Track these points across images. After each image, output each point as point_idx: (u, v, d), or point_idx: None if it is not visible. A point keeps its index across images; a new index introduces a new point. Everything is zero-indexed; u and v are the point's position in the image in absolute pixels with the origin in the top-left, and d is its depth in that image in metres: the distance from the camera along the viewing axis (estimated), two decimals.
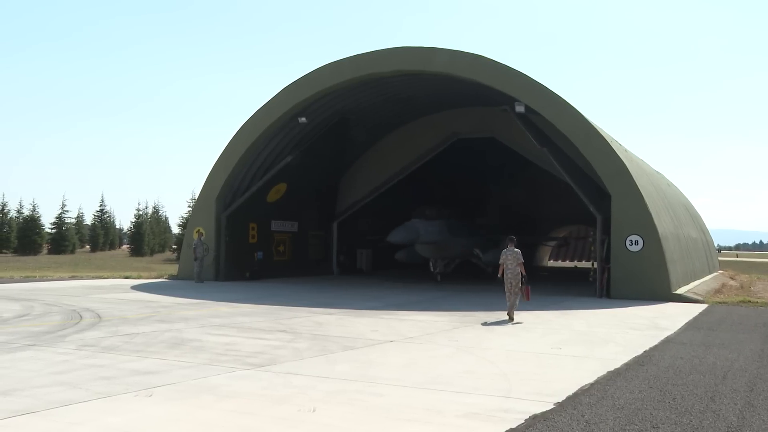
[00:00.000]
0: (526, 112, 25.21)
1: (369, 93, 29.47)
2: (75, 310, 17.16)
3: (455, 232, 31.15)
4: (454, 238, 30.81)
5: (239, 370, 9.86)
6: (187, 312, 17.36)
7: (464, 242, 32.03)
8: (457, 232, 31.27)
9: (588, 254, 44.46)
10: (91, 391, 8.26)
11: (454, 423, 7.26)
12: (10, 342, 11.96)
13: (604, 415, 7.65)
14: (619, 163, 23.84)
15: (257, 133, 28.63)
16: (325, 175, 33.26)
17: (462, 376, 9.85)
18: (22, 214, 72.93)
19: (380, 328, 15.02)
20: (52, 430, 6.68)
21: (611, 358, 11.52)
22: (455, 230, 31.25)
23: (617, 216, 23.72)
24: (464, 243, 32.03)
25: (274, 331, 14.18)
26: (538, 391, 8.76)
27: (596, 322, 17.32)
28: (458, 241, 31.57)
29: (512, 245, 16.81)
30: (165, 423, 7.03)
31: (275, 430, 6.90)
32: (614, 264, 23.74)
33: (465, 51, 25.82)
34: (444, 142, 33.69)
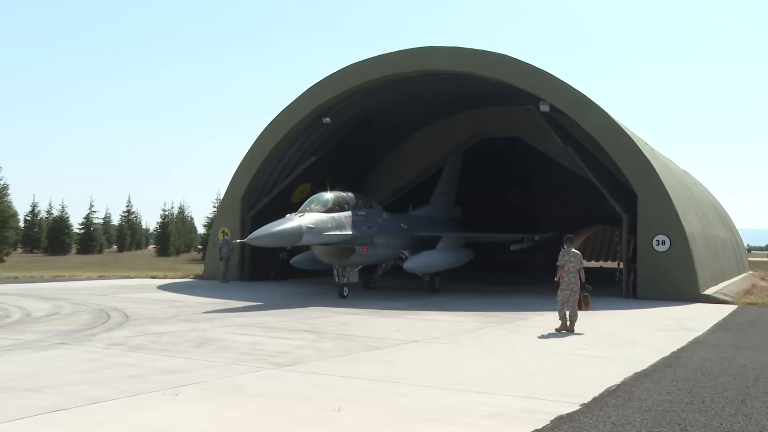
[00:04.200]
0: (550, 111, 25.03)
1: (393, 93, 29.46)
2: (103, 309, 17.40)
3: (375, 226, 23.65)
4: (369, 235, 23.21)
5: (264, 369, 9.92)
6: (212, 312, 17.50)
7: (391, 242, 24.55)
8: (378, 227, 23.83)
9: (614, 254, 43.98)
10: (119, 390, 8.36)
11: (479, 423, 7.24)
12: (41, 340, 12.17)
13: (631, 416, 7.56)
14: (645, 163, 23.57)
15: (282, 133, 28.79)
16: (349, 175, 33.31)
17: (487, 376, 9.80)
18: (52, 215, 74.25)
19: (404, 328, 15.01)
20: (81, 428, 6.78)
21: (638, 359, 11.39)
22: (373, 223, 23.69)
23: (644, 216, 23.45)
24: (390, 243, 24.55)
25: (299, 330, 14.25)
26: (563, 392, 8.69)
27: (622, 322, 17.14)
28: (383, 241, 24.06)
29: (571, 245, 15.08)
30: (191, 422, 7.10)
31: (300, 429, 6.93)
32: (641, 264, 23.48)
33: (489, 50, 25.72)
34: (468, 141, 33.58)
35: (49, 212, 75.47)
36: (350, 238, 22.29)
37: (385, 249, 24.20)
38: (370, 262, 24.55)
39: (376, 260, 24.70)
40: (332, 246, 22.24)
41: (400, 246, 25.02)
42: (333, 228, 21.54)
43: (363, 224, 23.00)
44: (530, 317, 17.62)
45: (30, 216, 73.28)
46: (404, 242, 25.19)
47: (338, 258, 22.45)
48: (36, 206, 74.39)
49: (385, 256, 24.76)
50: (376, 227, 23.69)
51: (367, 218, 23.45)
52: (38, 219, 73.95)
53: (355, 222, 22.64)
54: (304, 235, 20.53)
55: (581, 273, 14.91)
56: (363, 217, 23.27)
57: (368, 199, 25.01)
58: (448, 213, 31.32)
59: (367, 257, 23.36)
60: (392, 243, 24.60)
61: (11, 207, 55.82)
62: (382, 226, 24.06)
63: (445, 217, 30.71)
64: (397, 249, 24.88)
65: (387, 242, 24.24)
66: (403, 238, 25.12)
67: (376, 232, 23.56)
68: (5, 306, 17.82)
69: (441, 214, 30.40)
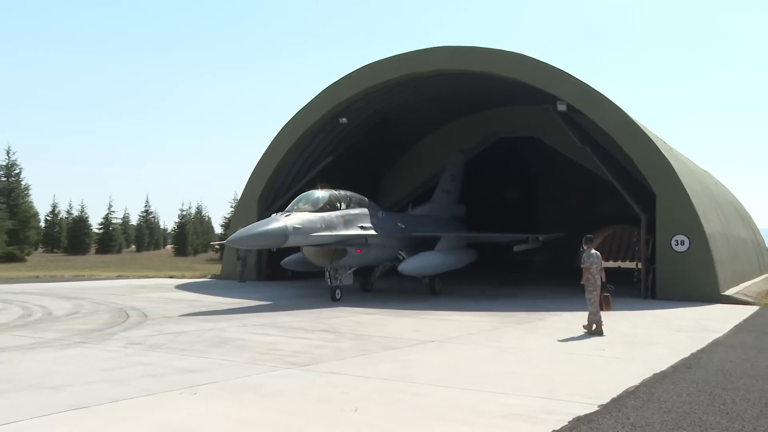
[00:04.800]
0: (568, 111, 24.89)
1: (409, 93, 29.44)
2: (122, 308, 17.55)
3: (369, 226, 22.43)
4: (362, 235, 21.92)
5: (281, 369, 9.95)
6: (229, 311, 17.58)
7: (387, 242, 23.19)
8: (372, 227, 22.52)
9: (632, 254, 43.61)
10: (137, 388, 8.43)
11: (496, 424, 7.21)
12: (62, 339, 12.30)
13: (650, 418, 7.50)
14: (664, 162, 23.37)
15: (298, 133, 28.87)
16: (366, 175, 33.35)
17: (504, 376, 9.77)
18: (72, 215, 75.03)
19: (421, 328, 15.00)
20: (101, 426, 6.84)
21: (657, 360, 11.29)
22: (367, 223, 22.43)
23: (662, 215, 23.25)
24: (386, 243, 23.19)
25: (316, 330, 14.28)
26: (581, 393, 8.63)
27: (641, 323, 17.01)
28: (378, 241, 22.66)
29: (591, 246, 14.93)
30: (209, 421, 7.14)
31: (317, 429, 6.95)
32: (660, 264, 23.27)
33: (506, 50, 25.61)
34: (484, 142, 33.48)
35: (69, 212, 76.35)
36: (342, 239, 21.07)
37: (380, 250, 22.87)
38: (365, 264, 23.05)
39: (371, 262, 23.27)
40: (323, 247, 21.12)
41: (397, 246, 23.66)
42: (322, 228, 20.28)
43: (356, 224, 21.83)
44: (548, 317, 17.54)
45: (50, 216, 74.11)
46: (402, 242, 23.82)
47: (330, 259, 21.33)
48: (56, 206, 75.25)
49: (381, 258, 23.41)
50: (370, 227, 22.40)
51: (360, 217, 22.23)
52: (58, 219, 74.76)
53: (348, 221, 21.48)
54: (290, 236, 19.25)
55: (602, 273, 14.82)
56: (356, 216, 22.08)
57: (363, 198, 23.43)
58: (451, 211, 30.04)
59: (361, 259, 22.03)
60: (388, 243, 23.26)
61: (32, 207, 56.54)
62: (376, 226, 22.74)
63: (448, 215, 29.49)
64: (393, 250, 23.55)
65: (382, 243, 22.93)
66: (400, 239, 23.76)
67: (370, 232, 22.23)
68: (27, 305, 18.04)
69: (443, 212, 29.20)
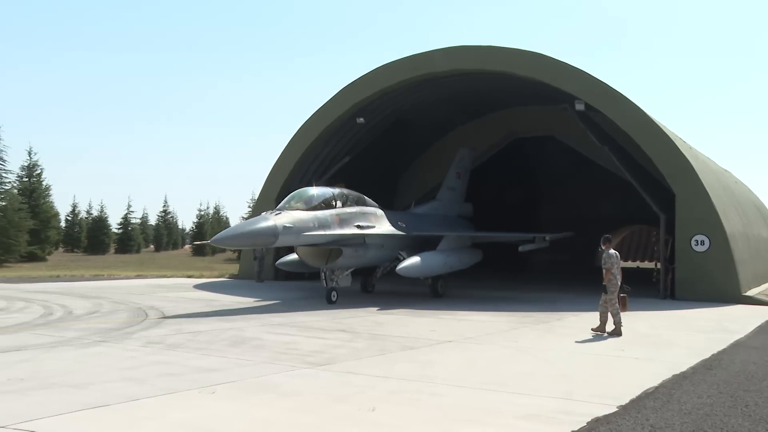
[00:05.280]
0: (586, 110, 24.75)
1: (426, 93, 29.41)
2: (141, 308, 17.70)
3: (366, 225, 21.42)
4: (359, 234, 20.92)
5: (299, 368, 9.98)
6: (247, 311, 17.67)
7: (386, 242, 22.16)
8: (370, 226, 21.54)
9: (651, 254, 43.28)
10: (157, 387, 8.50)
11: (513, 424, 7.19)
12: (82, 338, 12.43)
13: (670, 419, 7.43)
14: (683, 161, 23.17)
15: (316, 133, 28.91)
16: (383, 175, 33.35)
17: (521, 377, 9.73)
18: (91, 215, 75.81)
19: (439, 328, 14.98)
20: (121, 424, 6.91)
21: (676, 360, 11.20)
22: (365, 222, 21.45)
23: (682, 215, 23.05)
24: (385, 243, 22.17)
25: (333, 330, 14.31)
26: (599, 394, 8.58)
27: (660, 323, 16.87)
28: (376, 241, 21.70)
29: (609, 246, 14.80)
30: (228, 420, 7.18)
31: (335, 428, 6.96)
32: (679, 264, 23.07)
33: (524, 49, 25.49)
34: (502, 141, 33.37)
35: (89, 212, 77.17)
36: (337, 239, 20.17)
37: (378, 250, 21.82)
38: (362, 265, 21.99)
39: (369, 262, 22.23)
40: (317, 247, 20.25)
41: (397, 246, 22.51)
42: (315, 227, 19.35)
43: (352, 223, 20.83)
44: (566, 317, 17.45)
45: (71, 216, 74.91)
46: (402, 242, 22.66)
47: (325, 260, 20.41)
48: (76, 207, 76.07)
49: (379, 258, 22.34)
50: (369, 226, 21.41)
51: (357, 216, 21.26)
52: (78, 219, 75.55)
53: (343, 220, 20.54)
54: (280, 235, 18.38)
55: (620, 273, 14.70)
56: (352, 215, 21.08)
57: (361, 195, 22.41)
58: (456, 210, 28.98)
59: (358, 259, 21.06)
60: (387, 243, 22.20)
61: (53, 207, 57.19)
62: (375, 225, 21.81)
63: (453, 214, 28.47)
64: (393, 250, 22.42)
65: (381, 242, 21.89)
66: (400, 238, 22.56)
67: (368, 231, 21.23)
68: (48, 304, 18.24)
69: (447, 211, 28.19)
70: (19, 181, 52.64)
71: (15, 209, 44.04)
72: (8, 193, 45.47)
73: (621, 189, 30.75)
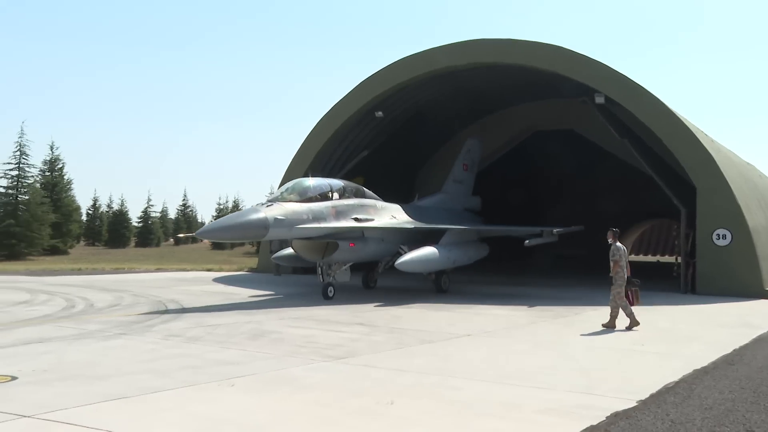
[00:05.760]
0: (605, 103, 24.54)
1: (444, 86, 29.32)
2: (161, 301, 17.86)
3: (365, 218, 20.57)
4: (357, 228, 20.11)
5: (318, 362, 10.02)
6: (265, 304, 17.76)
7: (386, 236, 21.18)
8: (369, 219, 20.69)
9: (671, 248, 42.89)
10: (177, 380, 8.58)
11: (532, 419, 7.17)
12: (104, 330, 12.58)
13: (690, 414, 7.37)
14: (705, 154, 22.90)
15: (335, 127, 28.94)
16: (401, 169, 33.32)
17: (540, 371, 9.70)
18: (112, 209, 76.55)
19: (457, 322, 14.97)
20: (143, 415, 6.99)
21: (697, 355, 11.10)
22: (363, 214, 20.63)
23: (703, 209, 22.80)
24: (386, 237, 21.20)
25: (352, 324, 14.34)
26: (619, 388, 8.54)
27: (681, 318, 16.73)
28: (376, 234, 20.81)
29: (616, 239, 14.68)
30: (247, 412, 7.23)
31: (354, 422, 6.99)
32: (700, 259, 22.83)
33: (543, 42, 25.30)
34: (520, 135, 33.18)
35: (110, 206, 77.93)
36: (333, 232, 19.38)
37: (378, 244, 20.90)
38: (361, 260, 21.05)
39: (368, 257, 21.18)
40: (313, 241, 19.46)
41: (398, 240, 21.45)
42: (310, 220, 18.63)
43: (349, 215, 20.00)
44: (585, 312, 17.35)
45: (92, 210, 75.60)
46: (403, 236, 21.61)
47: (321, 254, 19.71)
48: (97, 200, 76.74)
49: (379, 253, 21.32)
50: (367, 219, 20.56)
51: (355, 209, 20.38)
52: (99, 213, 76.25)
53: (340, 213, 19.69)
54: (271, 228, 17.71)
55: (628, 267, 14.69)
56: (350, 207, 20.23)
57: (360, 187, 21.62)
58: (463, 203, 27.98)
59: (355, 253, 20.08)
60: (388, 237, 21.24)
61: (74, 201, 57.78)
62: (374, 218, 20.94)
63: (459, 207, 27.43)
64: (394, 244, 21.38)
65: (381, 236, 20.97)
66: (401, 232, 21.62)
67: (367, 224, 20.36)
68: (70, 297, 18.47)
69: (453, 204, 27.14)
70: (41, 175, 53.27)
71: (38, 203, 44.60)
72: (31, 187, 46.04)
73: (641, 183, 30.48)
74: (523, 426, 6.94)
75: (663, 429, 6.82)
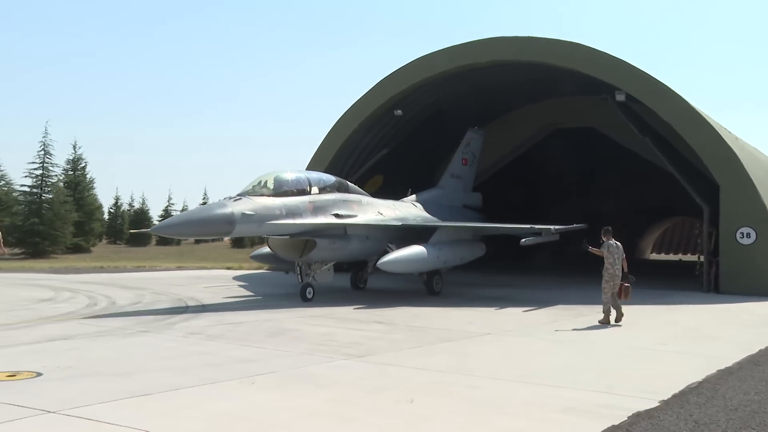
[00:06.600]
0: (626, 101, 24.31)
1: (463, 85, 29.20)
2: (181, 299, 17.98)
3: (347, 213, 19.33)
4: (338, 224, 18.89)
5: (337, 360, 10.04)
6: (285, 302, 17.81)
7: (371, 233, 19.81)
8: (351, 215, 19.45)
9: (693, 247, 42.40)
10: (197, 377, 8.63)
11: (553, 418, 7.12)
12: (125, 328, 12.69)
13: (714, 416, 7.28)
14: (728, 151, 22.60)
15: (354, 125, 28.92)
16: (421, 167, 33.26)
17: (561, 370, 9.64)
18: (133, 207, 77.27)
19: (477, 320, 14.92)
20: (164, 412, 7.04)
21: (721, 355, 10.95)
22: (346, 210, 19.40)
23: (727, 207, 22.50)
24: (371, 234, 19.80)
25: (371, 322, 14.35)
26: (641, 388, 8.45)
27: (704, 317, 16.54)
28: (360, 232, 19.49)
29: (609, 237, 14.91)
30: (267, 410, 7.26)
31: (373, 420, 6.99)
32: (724, 257, 22.54)
33: (562, 39, 25.11)
34: (539, 133, 32.98)
35: (131, 205, 78.67)
36: (310, 229, 18.15)
37: (362, 242, 19.50)
38: (344, 258, 19.79)
39: (352, 255, 19.78)
40: (290, 238, 18.33)
41: (385, 238, 20.01)
42: (283, 215, 17.44)
43: (329, 211, 18.79)
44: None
45: (113, 208, 76.36)
46: (390, 234, 20.17)
47: (299, 252, 18.44)
48: (119, 199, 77.48)
49: (364, 251, 19.84)
50: (350, 215, 19.37)
51: (336, 204, 19.16)
52: (121, 211, 76.99)
53: (319, 208, 18.50)
54: (237, 224, 16.54)
55: (624, 264, 14.83)
56: (331, 202, 18.99)
57: (343, 181, 20.46)
58: (462, 199, 26.61)
59: (336, 252, 18.83)
60: (373, 235, 19.84)
61: (97, 200, 58.36)
62: (358, 214, 19.74)
63: (457, 204, 26.05)
64: (380, 242, 19.95)
65: (365, 233, 19.62)
66: (388, 229, 20.18)
67: (349, 221, 19.16)
68: (93, 294, 18.67)
69: (451, 200, 25.69)
70: (64, 174, 53.82)
71: (61, 202, 45.06)
72: (55, 186, 46.50)
73: (662, 180, 30.15)
74: (544, 425, 6.90)
75: (686, 430, 6.74)
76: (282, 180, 18.19)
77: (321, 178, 19.68)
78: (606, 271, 14.73)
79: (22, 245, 41.50)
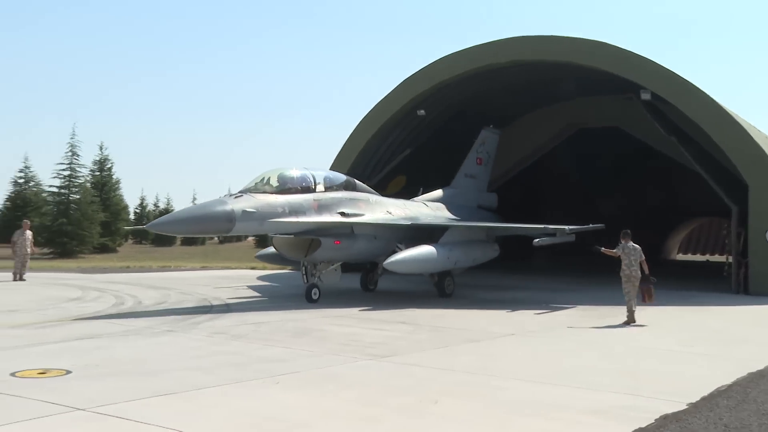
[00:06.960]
0: (652, 100, 24.03)
1: (486, 85, 29.08)
2: (206, 298, 18.12)
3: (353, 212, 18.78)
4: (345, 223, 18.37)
5: (361, 360, 10.05)
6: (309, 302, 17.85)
7: (379, 232, 19.21)
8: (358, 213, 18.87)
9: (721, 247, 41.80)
10: (222, 377, 8.69)
11: (578, 420, 7.06)
12: (151, 327, 12.82)
13: (746, 420, 7.14)
14: (757, 151, 22.24)
15: (377, 126, 28.94)
16: (443, 168, 33.14)
17: (586, 371, 9.55)
18: (158, 208, 78.12)
19: (499, 321, 14.84)
20: (189, 411, 7.10)
21: (751, 358, 10.75)
22: (352, 208, 18.82)
23: (756, 207, 22.15)
24: (379, 234, 19.20)
25: (395, 322, 14.33)
26: (668, 390, 8.33)
27: (733, 319, 16.28)
28: (367, 231, 18.94)
29: (629, 240, 14.90)
30: (292, 410, 7.28)
31: (398, 420, 6.98)
32: (753, 258, 22.18)
33: (586, 38, 24.89)
34: (564, 132, 32.73)
35: (156, 205, 79.68)
36: (315, 227, 17.68)
37: (369, 242, 18.92)
38: (350, 258, 19.12)
39: (359, 255, 19.18)
40: (295, 237, 17.88)
41: (394, 238, 19.40)
42: (286, 213, 16.95)
43: (335, 209, 18.28)
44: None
45: (139, 209, 77.36)
46: (400, 233, 19.60)
47: (304, 252, 17.94)
48: (144, 199, 78.55)
49: (371, 251, 19.20)
50: (357, 214, 18.81)
51: (343, 202, 18.60)
52: (146, 212, 77.89)
53: (324, 206, 17.98)
54: (237, 221, 16.05)
55: (643, 265, 14.84)
56: (337, 200, 18.45)
57: (351, 179, 19.93)
58: (476, 199, 26.01)
59: (342, 251, 18.28)
60: (381, 234, 19.25)
61: (123, 200, 59.09)
62: (365, 213, 19.16)
63: (472, 204, 25.43)
64: (389, 242, 19.31)
65: (373, 233, 19.07)
66: (397, 228, 19.58)
67: (356, 219, 18.61)
68: (119, 294, 18.90)
69: (465, 200, 25.10)
70: (91, 174, 54.55)
71: (88, 202, 45.68)
72: (82, 187, 47.14)
73: (689, 180, 29.76)
74: (570, 427, 6.84)
75: None
76: (286, 177, 17.72)
77: (327, 175, 19.15)
78: (623, 272, 14.88)
79: (50, 245, 42.12)
